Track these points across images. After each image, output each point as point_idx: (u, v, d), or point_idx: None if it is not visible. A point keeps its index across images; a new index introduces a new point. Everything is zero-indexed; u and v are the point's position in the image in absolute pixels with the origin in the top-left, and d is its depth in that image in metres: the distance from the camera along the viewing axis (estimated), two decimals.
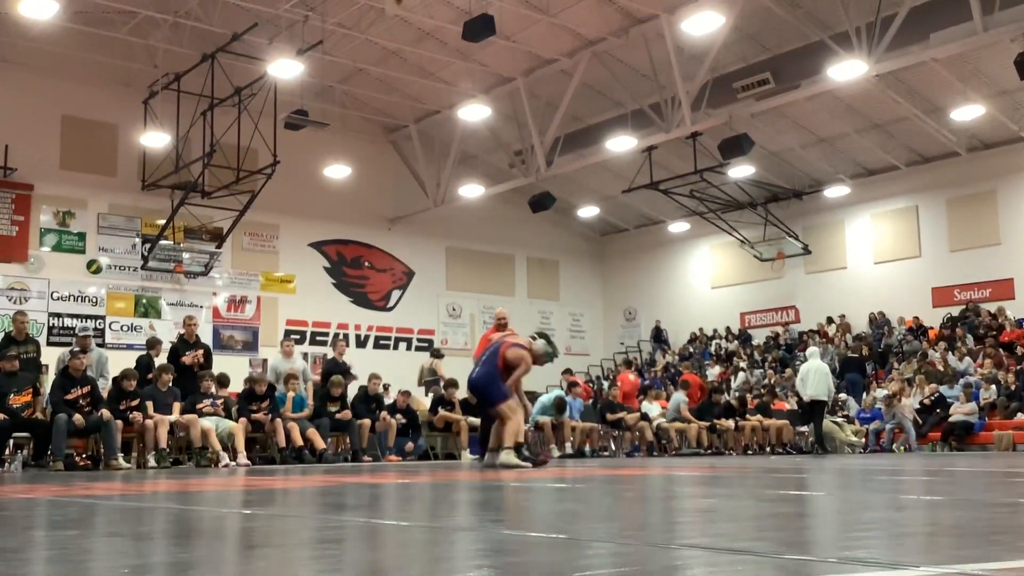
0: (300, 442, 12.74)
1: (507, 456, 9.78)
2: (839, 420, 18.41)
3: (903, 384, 20.60)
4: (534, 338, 10.67)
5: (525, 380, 10.64)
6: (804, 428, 18.84)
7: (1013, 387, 19.10)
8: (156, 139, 20.37)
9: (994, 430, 18.12)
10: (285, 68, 17.92)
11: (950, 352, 21.25)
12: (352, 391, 14.51)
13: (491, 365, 10.07)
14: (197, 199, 20.52)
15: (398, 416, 14.40)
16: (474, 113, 21.59)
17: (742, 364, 24.79)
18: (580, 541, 3.07)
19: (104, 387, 12.27)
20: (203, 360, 13.14)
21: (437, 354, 17.94)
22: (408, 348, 25.40)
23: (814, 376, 16.89)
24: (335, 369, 14.42)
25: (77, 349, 12.02)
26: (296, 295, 24.06)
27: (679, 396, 17.84)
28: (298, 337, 19.18)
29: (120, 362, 13.48)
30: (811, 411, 17.21)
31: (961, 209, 23.29)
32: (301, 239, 24.27)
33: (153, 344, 13.69)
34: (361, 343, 24.58)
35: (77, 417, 10.92)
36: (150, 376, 12.43)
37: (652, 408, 17.63)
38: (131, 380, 11.94)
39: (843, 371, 21.86)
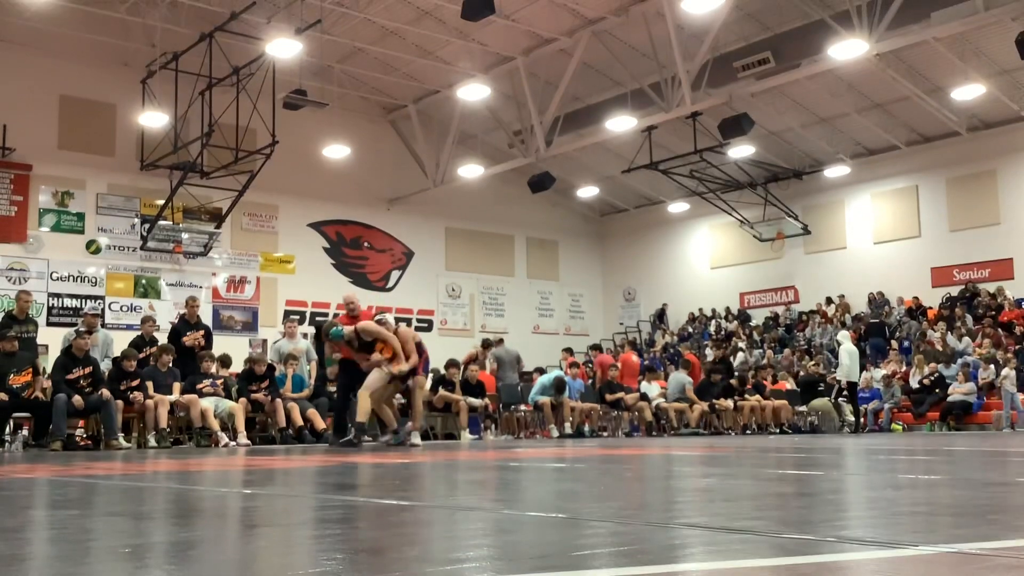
0: (300, 422, 12.77)
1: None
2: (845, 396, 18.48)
3: (901, 364, 20.65)
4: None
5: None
6: (803, 408, 18.93)
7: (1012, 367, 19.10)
8: (154, 119, 20.29)
9: (992, 410, 18.16)
10: (283, 47, 17.84)
11: (949, 332, 21.26)
12: None
13: None
14: (196, 179, 20.47)
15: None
16: (473, 93, 21.51)
17: (741, 344, 24.82)
18: (579, 520, 3.08)
19: (107, 368, 12.31)
20: (203, 342, 13.15)
21: (487, 344, 17.81)
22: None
23: (854, 359, 17.96)
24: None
25: (83, 329, 11.99)
26: (295, 275, 24.05)
27: (682, 376, 17.88)
28: (298, 317, 19.16)
29: (120, 343, 13.50)
30: (850, 392, 18.32)
31: (961, 189, 23.25)
32: (300, 219, 24.24)
33: (144, 320, 13.86)
34: None
35: (76, 398, 10.93)
36: (143, 355, 12.47)
37: (651, 388, 17.66)
38: (132, 360, 11.96)
39: (867, 336, 22.48)
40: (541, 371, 18.82)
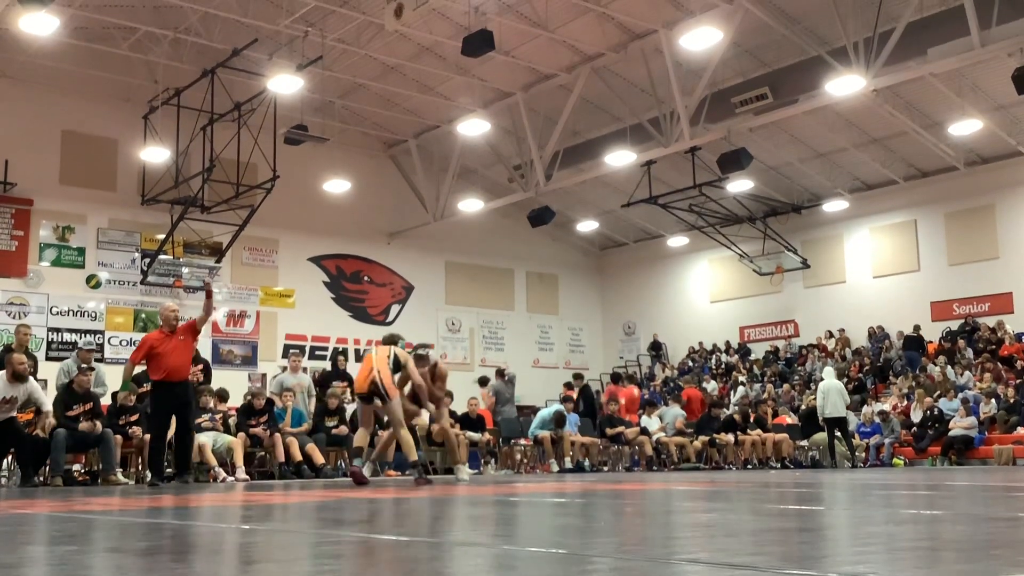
0: (299, 457, 12.72)
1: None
2: (838, 435, 18.40)
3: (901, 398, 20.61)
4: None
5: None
6: (804, 442, 18.86)
7: (1012, 401, 19.08)
8: (156, 154, 20.39)
9: (994, 444, 18.10)
10: (285, 83, 17.97)
11: (949, 366, 21.23)
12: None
13: None
14: (197, 214, 20.53)
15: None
16: (473, 128, 21.63)
17: (741, 378, 24.77)
18: (580, 556, 3.06)
19: (103, 392, 12.31)
20: (202, 376, 13.13)
21: (501, 374, 17.76)
22: None
23: (833, 395, 17.45)
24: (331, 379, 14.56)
25: (84, 365, 11.95)
26: (295, 310, 24.04)
27: (676, 410, 17.86)
28: (296, 352, 19.15)
29: (119, 378, 13.43)
30: (828, 428, 17.80)
31: (960, 223, 23.32)
32: (300, 253, 24.28)
33: None
34: (360, 358, 24.50)
35: (85, 425, 10.92)
36: (143, 390, 12.42)
37: (652, 422, 17.61)
38: (131, 395, 11.93)
39: (904, 349, 22.86)
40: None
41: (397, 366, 10.02)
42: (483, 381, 17.29)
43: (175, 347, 10.17)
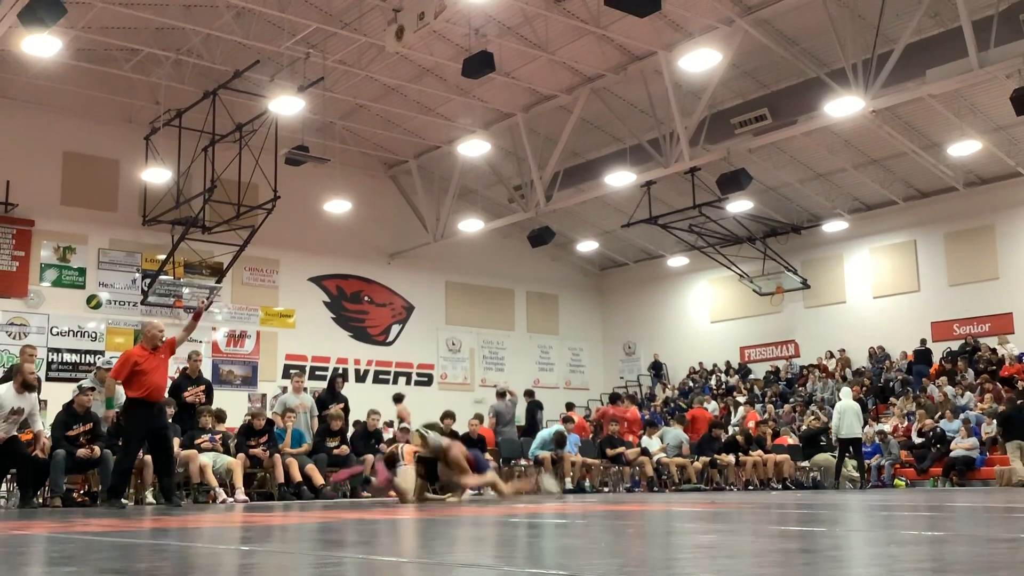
0: (299, 478, 12.68)
1: None
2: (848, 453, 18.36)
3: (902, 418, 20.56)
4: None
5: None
6: (805, 463, 18.81)
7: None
8: (157, 175, 20.44)
9: (995, 465, 18.05)
10: (286, 104, 18.04)
11: (950, 386, 21.17)
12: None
13: None
14: (197, 234, 20.57)
15: None
16: (474, 148, 21.70)
17: (741, 398, 24.73)
18: None
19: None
20: (204, 397, 13.10)
21: (503, 395, 17.59)
22: (408, 383, 25.34)
23: (849, 415, 17.54)
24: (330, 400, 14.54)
25: (88, 385, 11.91)
26: (296, 330, 24.04)
27: (679, 432, 17.82)
28: (298, 371, 19.13)
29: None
30: (841, 448, 17.87)
31: (959, 244, 23.35)
32: (301, 274, 24.30)
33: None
34: (360, 378, 24.55)
35: (83, 451, 10.88)
36: None
37: (652, 443, 17.57)
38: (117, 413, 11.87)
39: (911, 365, 23.05)
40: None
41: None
42: (397, 398, 16.77)
43: (158, 365, 10.11)
